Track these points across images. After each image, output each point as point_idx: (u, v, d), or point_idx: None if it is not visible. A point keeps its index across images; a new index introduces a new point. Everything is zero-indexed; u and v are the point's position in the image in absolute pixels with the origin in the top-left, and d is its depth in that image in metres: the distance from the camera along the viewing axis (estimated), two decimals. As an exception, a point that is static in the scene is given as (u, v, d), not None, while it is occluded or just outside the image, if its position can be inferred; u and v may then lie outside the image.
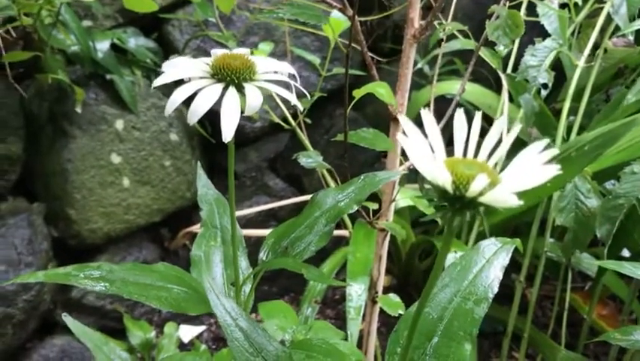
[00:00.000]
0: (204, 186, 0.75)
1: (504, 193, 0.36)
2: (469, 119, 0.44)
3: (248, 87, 0.50)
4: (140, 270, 0.60)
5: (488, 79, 1.55)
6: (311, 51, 1.53)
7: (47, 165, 1.29)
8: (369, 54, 0.90)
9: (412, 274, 1.59)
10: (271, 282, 1.56)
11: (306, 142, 1.20)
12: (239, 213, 1.46)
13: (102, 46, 1.26)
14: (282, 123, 1.23)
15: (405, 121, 0.39)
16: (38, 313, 1.24)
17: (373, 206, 0.97)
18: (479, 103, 1.41)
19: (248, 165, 1.55)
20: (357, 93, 0.81)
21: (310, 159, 0.89)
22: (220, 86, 0.50)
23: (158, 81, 0.51)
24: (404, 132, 0.39)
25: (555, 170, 0.36)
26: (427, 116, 0.40)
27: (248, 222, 1.48)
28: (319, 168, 0.89)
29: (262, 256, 0.64)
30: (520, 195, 0.35)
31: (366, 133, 0.86)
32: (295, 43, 1.54)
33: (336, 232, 1.51)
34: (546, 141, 0.39)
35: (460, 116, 0.42)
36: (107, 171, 1.31)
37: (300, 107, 0.51)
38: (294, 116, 1.50)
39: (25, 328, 1.22)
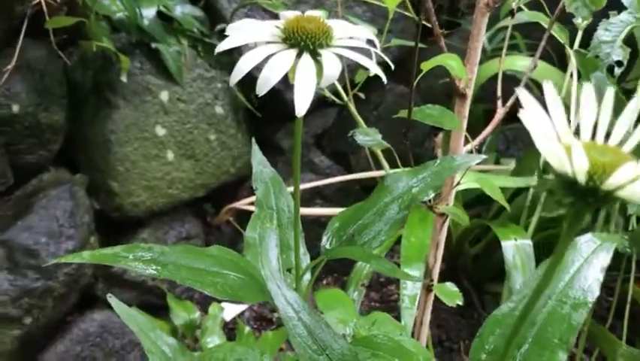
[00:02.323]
0: (259, 164, 0.69)
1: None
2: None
3: (325, 54, 0.44)
4: (194, 253, 0.55)
5: (550, 55, 1.46)
6: (362, 22, 1.46)
7: (90, 135, 1.26)
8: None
9: (461, 258, 1.53)
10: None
11: (359, 118, 1.13)
12: (284, 190, 1.41)
13: (148, 13, 1.21)
14: (334, 98, 1.17)
15: (525, 95, 0.33)
16: (79, 287, 1.21)
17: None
18: (543, 80, 1.32)
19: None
20: (426, 65, 0.74)
21: (368, 137, 0.83)
22: (293, 53, 0.44)
23: (223, 45, 0.45)
24: (522, 107, 0.33)
25: None
26: (550, 91, 0.34)
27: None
28: (377, 148, 0.83)
29: (325, 242, 0.58)
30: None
31: (431, 110, 0.80)
32: (346, 14, 1.47)
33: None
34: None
35: (588, 91, 0.35)
36: (151, 143, 1.27)
37: (384, 78, 0.45)
38: (344, 90, 1.44)
39: (66, 301, 1.19)
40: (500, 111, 0.93)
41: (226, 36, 0.47)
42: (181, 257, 0.54)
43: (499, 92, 0.94)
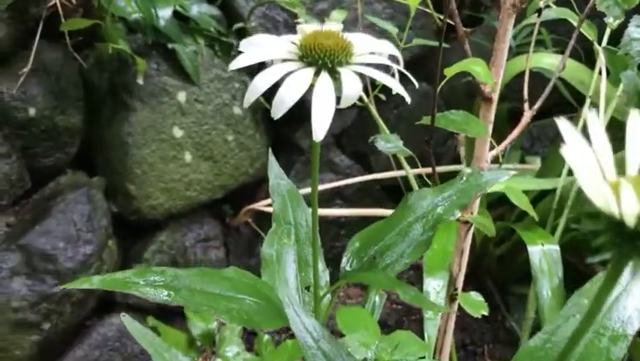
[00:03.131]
0: (277, 177, 0.67)
1: None
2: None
3: (344, 73, 0.41)
4: (209, 276, 0.53)
5: (577, 51, 1.41)
6: (382, 19, 1.43)
7: (107, 138, 1.24)
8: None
9: (485, 259, 1.49)
10: (335, 262, 1.49)
11: (380, 121, 1.10)
12: (302, 191, 1.39)
13: (164, 13, 1.19)
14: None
15: (566, 128, 0.30)
16: (98, 291, 1.20)
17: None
18: (570, 78, 1.28)
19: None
20: (449, 71, 0.71)
21: (389, 143, 0.80)
22: (310, 72, 0.42)
23: (237, 63, 0.43)
24: (563, 140, 0.30)
25: None
26: (594, 121, 0.31)
27: (312, 201, 1.41)
28: (399, 154, 0.81)
29: (345, 263, 0.56)
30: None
31: (455, 115, 0.77)
32: (366, 11, 1.44)
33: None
34: None
35: (636, 118, 0.32)
36: (169, 145, 1.25)
37: (408, 98, 0.42)
38: (365, 90, 1.41)
39: (84, 307, 1.18)
40: (527, 114, 0.90)
41: (240, 52, 0.44)
42: (195, 281, 0.51)
43: (525, 95, 0.91)
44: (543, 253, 1.06)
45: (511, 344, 1.38)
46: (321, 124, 0.39)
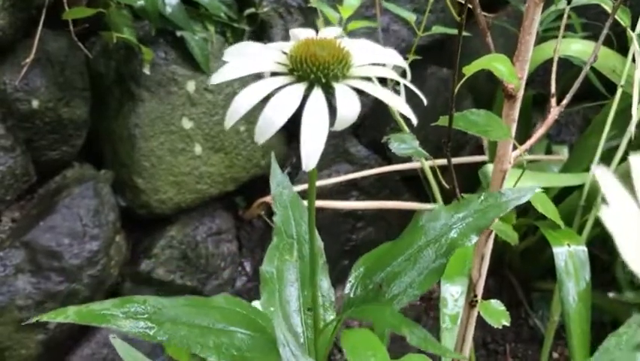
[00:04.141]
0: (279, 185, 0.62)
1: None
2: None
3: (340, 89, 0.36)
4: (197, 307, 0.48)
5: (609, 37, 1.33)
6: (400, 3, 1.36)
7: (114, 129, 1.20)
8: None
9: (507, 254, 1.43)
10: (351, 256, 1.44)
11: (400, 120, 1.04)
12: (317, 183, 1.33)
13: (171, -1, 1.13)
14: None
15: (608, 181, 0.24)
16: (105, 288, 1.17)
17: (479, 200, 0.82)
18: (600, 66, 1.21)
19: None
20: (468, 70, 0.64)
21: (404, 144, 0.74)
22: (301, 88, 0.36)
23: (219, 77, 0.37)
24: (605, 200, 0.24)
25: None
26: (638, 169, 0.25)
27: (327, 193, 1.35)
28: (415, 156, 0.75)
29: (349, 290, 0.51)
30: None
31: (476, 116, 0.70)
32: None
33: (423, 206, 1.36)
34: None
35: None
36: (178, 137, 1.21)
37: (415, 120, 0.37)
38: (382, 79, 1.34)
39: (91, 304, 1.15)
40: (554, 111, 0.83)
41: (224, 62, 0.39)
42: (182, 312, 0.47)
43: (553, 89, 0.84)
44: (569, 255, 0.99)
45: (534, 342, 1.32)
46: (311, 151, 0.34)
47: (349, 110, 0.35)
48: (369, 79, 0.37)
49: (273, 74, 0.37)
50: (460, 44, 0.61)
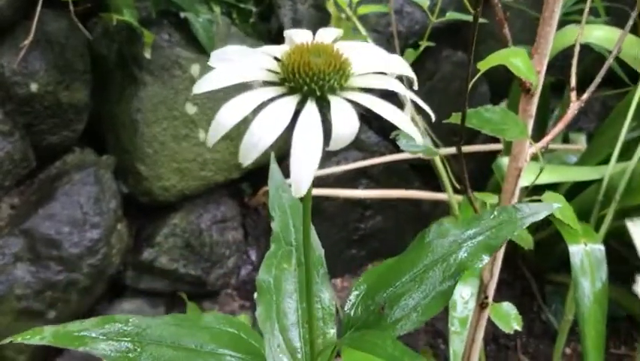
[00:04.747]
0: (278, 188, 0.58)
1: None
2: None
3: (335, 103, 0.32)
4: (185, 327, 0.44)
5: (633, 23, 1.26)
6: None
7: (117, 114, 1.16)
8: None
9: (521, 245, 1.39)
10: (360, 245, 1.41)
11: (412, 119, 0.99)
12: (326, 170, 1.30)
13: (175, -21, 1.09)
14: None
15: None
16: (106, 277, 1.14)
17: (491, 200, 0.78)
18: (622, 53, 1.14)
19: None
20: (483, 65, 0.60)
21: (413, 141, 0.70)
22: (293, 101, 0.32)
23: (203, 86, 0.33)
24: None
25: None
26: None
27: (336, 181, 1.31)
28: (425, 155, 0.70)
29: (349, 308, 0.47)
30: None
31: (490, 113, 0.66)
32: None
33: (434, 195, 1.32)
34: None
35: None
36: (181, 122, 1.17)
37: (419, 139, 0.32)
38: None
39: (91, 293, 1.12)
40: (574, 106, 0.78)
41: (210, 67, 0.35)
42: (167, 333, 0.43)
43: (573, 82, 0.79)
44: (585, 253, 0.95)
45: (546, 337, 1.28)
46: (302, 176, 0.30)
47: (346, 127, 0.31)
48: (371, 91, 0.33)
49: (264, 82, 0.33)
50: (474, 38, 0.56)
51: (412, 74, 0.35)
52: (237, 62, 0.34)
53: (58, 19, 1.10)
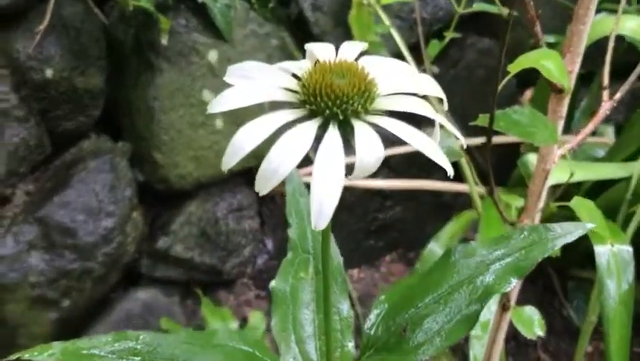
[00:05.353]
0: (295, 191, 0.56)
1: None
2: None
3: (360, 129, 0.29)
4: (197, 344, 0.43)
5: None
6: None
7: (133, 101, 1.14)
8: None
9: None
10: (378, 236, 1.38)
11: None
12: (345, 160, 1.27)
13: (193, -37, 1.06)
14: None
15: None
16: (120, 265, 1.13)
17: (516, 202, 0.75)
18: (655, 44, 1.10)
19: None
20: (513, 68, 0.57)
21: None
22: (314, 125, 0.29)
23: (219, 105, 0.31)
24: None
25: None
26: None
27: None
28: (452, 158, 0.68)
29: (369, 327, 0.45)
30: None
31: (519, 115, 0.63)
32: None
33: (455, 186, 1.29)
34: None
35: None
36: (198, 110, 1.14)
37: (451, 171, 0.30)
38: (414, 47, 1.25)
39: (106, 282, 1.12)
40: (606, 105, 0.75)
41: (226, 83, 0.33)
42: (180, 351, 0.41)
43: (605, 79, 0.76)
44: (612, 254, 0.92)
45: (567, 335, 1.26)
46: (323, 209, 0.27)
47: (371, 156, 0.28)
48: (397, 114, 0.30)
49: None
50: (505, 43, 0.53)
51: (442, 95, 0.32)
52: (255, 80, 0.31)
53: (74, 3, 1.07)
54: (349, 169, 0.32)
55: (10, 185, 1.07)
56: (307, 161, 0.33)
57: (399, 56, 1.19)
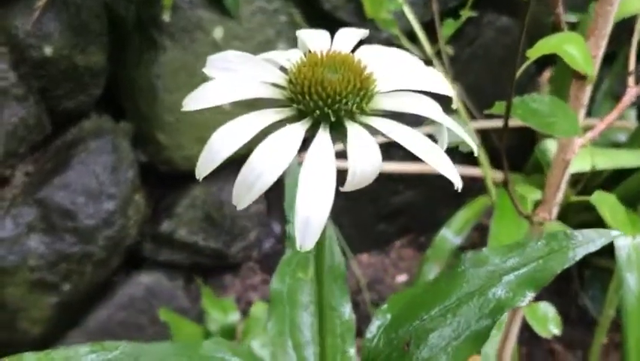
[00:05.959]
0: (295, 185, 0.52)
1: None
2: None
3: (354, 133, 0.25)
4: (182, 354, 0.39)
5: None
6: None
7: (135, 79, 1.10)
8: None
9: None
10: (389, 220, 1.35)
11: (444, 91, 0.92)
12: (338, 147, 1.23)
13: None
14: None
15: None
16: (122, 249, 1.10)
17: (533, 195, 0.71)
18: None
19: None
20: (533, 53, 0.52)
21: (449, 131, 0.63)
22: (301, 128, 0.25)
23: (196, 102, 0.27)
24: None
25: None
26: None
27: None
28: (462, 149, 0.63)
29: (370, 338, 0.41)
30: None
31: (538, 103, 0.58)
32: None
33: (470, 171, 1.24)
34: None
35: None
36: (203, 89, 1.10)
37: (459, 184, 0.26)
38: (428, 25, 1.20)
39: (108, 266, 1.09)
40: (631, 92, 0.70)
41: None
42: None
43: (631, 65, 0.70)
44: (633, 247, 0.87)
45: (583, 325, 1.22)
46: (309, 227, 0.24)
47: (365, 165, 0.24)
48: (399, 115, 0.26)
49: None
50: (524, 28, 0.48)
51: (449, 93, 0.28)
52: (238, 73, 0.27)
53: (74, -24, 1.03)
54: (344, 175, 0.28)
55: (9, 166, 1.04)
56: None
57: (412, 34, 1.14)
